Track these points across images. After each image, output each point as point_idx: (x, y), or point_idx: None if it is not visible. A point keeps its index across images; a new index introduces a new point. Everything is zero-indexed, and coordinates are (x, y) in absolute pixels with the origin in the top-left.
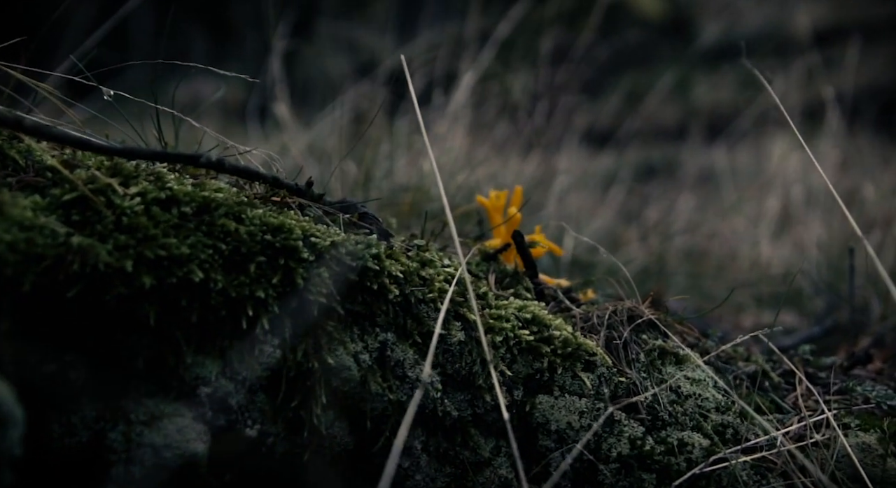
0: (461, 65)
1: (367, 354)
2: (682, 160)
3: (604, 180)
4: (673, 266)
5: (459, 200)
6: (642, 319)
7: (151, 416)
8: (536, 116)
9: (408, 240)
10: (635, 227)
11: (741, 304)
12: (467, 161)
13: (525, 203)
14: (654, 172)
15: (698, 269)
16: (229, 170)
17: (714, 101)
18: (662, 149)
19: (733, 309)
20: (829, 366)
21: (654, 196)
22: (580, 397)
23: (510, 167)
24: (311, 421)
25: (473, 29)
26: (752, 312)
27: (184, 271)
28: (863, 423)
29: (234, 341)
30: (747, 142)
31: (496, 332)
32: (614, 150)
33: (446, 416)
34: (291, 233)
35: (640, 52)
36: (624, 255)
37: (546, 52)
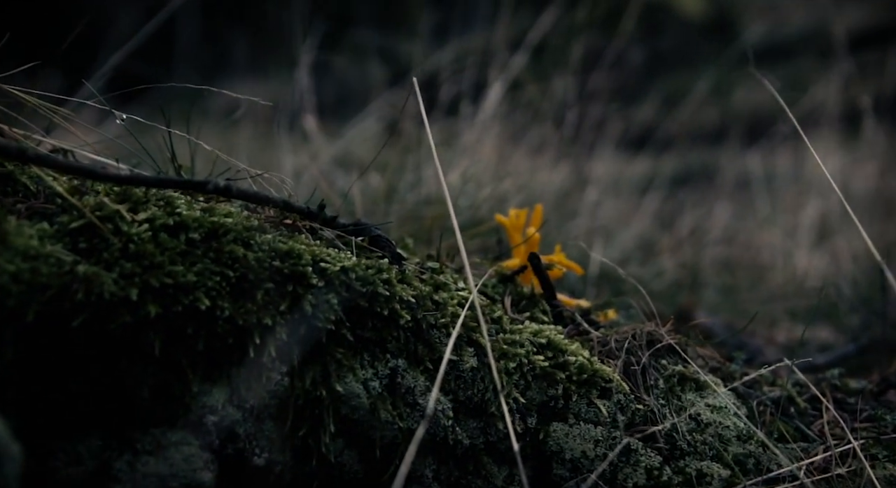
0: (491, 73)
1: (377, 381)
2: (721, 165)
3: (640, 186)
4: (707, 277)
5: (486, 211)
6: (662, 344)
7: (158, 445)
8: (570, 123)
9: (423, 262)
10: (670, 236)
11: (775, 318)
12: (496, 171)
13: (543, 223)
14: (691, 178)
15: (733, 281)
16: (237, 195)
17: (754, 103)
18: (700, 153)
19: (767, 322)
20: (859, 392)
21: (691, 202)
22: (596, 425)
23: (541, 176)
24: (319, 450)
25: (504, 35)
26: (785, 327)
27: (190, 299)
28: (891, 454)
29: (241, 369)
30: (787, 146)
31: (510, 358)
32: (651, 155)
33: (458, 444)
34: (301, 258)
35: (680, 53)
36: (656, 267)
37: (581, 56)
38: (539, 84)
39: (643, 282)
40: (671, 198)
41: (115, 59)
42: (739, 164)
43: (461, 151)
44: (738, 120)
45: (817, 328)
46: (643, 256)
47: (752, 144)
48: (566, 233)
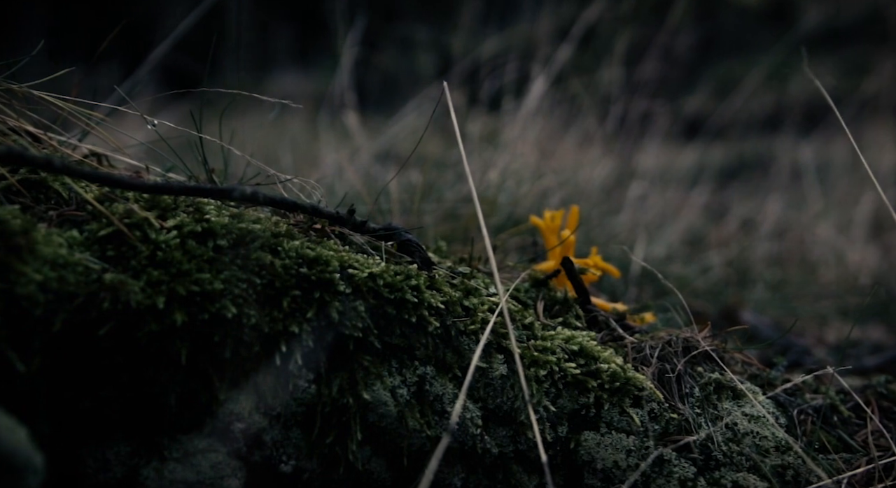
0: (535, 66)
1: (404, 388)
2: (776, 154)
3: (690, 178)
4: (757, 273)
5: (527, 209)
6: (698, 350)
7: (185, 452)
8: (616, 115)
9: (455, 265)
10: (718, 230)
11: (825, 316)
12: (538, 167)
13: (585, 220)
14: (744, 168)
15: (784, 277)
16: (263, 202)
17: (811, 91)
18: (754, 143)
19: (816, 321)
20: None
21: (743, 194)
22: (628, 434)
23: (585, 171)
24: (346, 458)
25: (548, 26)
26: (836, 326)
27: (216, 307)
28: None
29: (268, 376)
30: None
31: (540, 366)
32: (702, 145)
33: (486, 453)
34: (328, 265)
35: (735, 40)
36: (702, 263)
37: (630, 45)
38: (586, 75)
39: (687, 280)
40: (722, 189)
41: (156, 54)
42: (794, 155)
43: (502, 147)
44: (794, 108)
45: (869, 327)
46: (691, 252)
47: (809, 133)
48: (610, 229)
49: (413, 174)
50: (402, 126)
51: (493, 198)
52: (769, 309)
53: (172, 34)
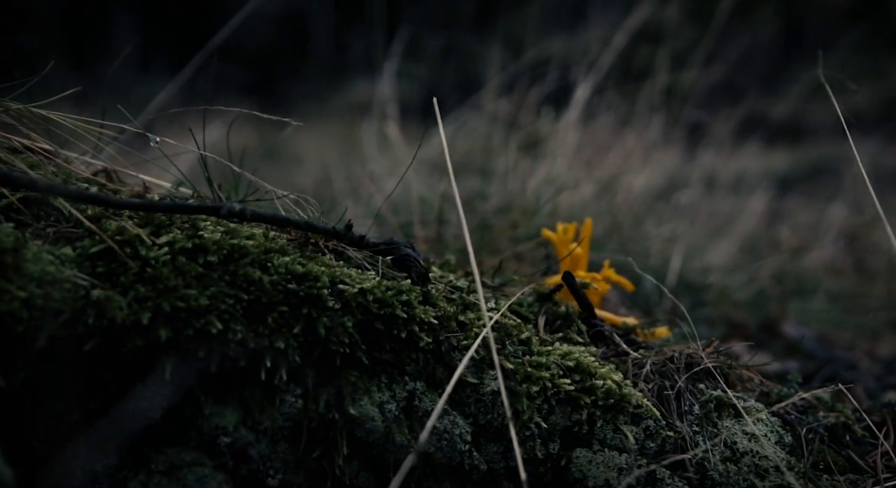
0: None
1: (393, 403)
2: (849, 158)
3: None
4: (814, 282)
5: (562, 217)
6: (700, 367)
7: (171, 465)
8: (684, 119)
9: (460, 278)
10: (782, 237)
11: (877, 330)
12: (578, 174)
13: (598, 237)
14: (817, 172)
15: (844, 287)
16: (251, 219)
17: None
18: (827, 145)
19: (868, 335)
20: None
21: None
22: (621, 452)
23: (628, 177)
24: (333, 472)
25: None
26: (890, 339)
27: (202, 322)
28: None
29: (254, 391)
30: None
31: (533, 382)
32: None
33: (474, 470)
34: (318, 280)
35: (822, 38)
36: (751, 271)
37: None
38: (648, 79)
39: (728, 290)
40: (790, 195)
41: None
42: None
43: (541, 156)
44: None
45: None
46: (747, 260)
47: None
48: (649, 239)
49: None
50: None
51: (529, 209)
52: (815, 321)
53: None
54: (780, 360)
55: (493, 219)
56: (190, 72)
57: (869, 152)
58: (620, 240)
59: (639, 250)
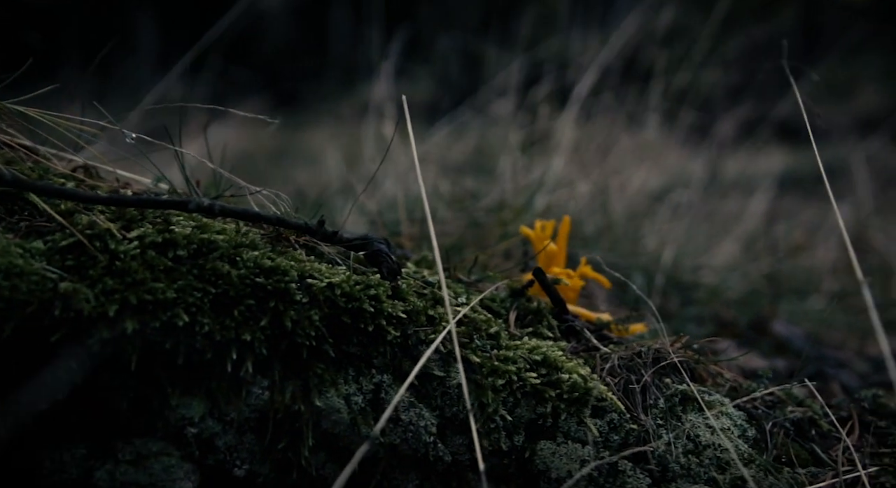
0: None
1: (360, 396)
2: (874, 158)
3: (780, 180)
4: (809, 282)
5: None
6: (666, 361)
7: (138, 455)
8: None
9: (434, 274)
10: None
11: (868, 329)
12: (577, 174)
13: (569, 234)
14: (832, 171)
15: (841, 287)
16: (220, 214)
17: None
18: (846, 146)
19: (858, 334)
20: (892, 414)
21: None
22: (584, 445)
23: (622, 176)
24: (299, 463)
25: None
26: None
27: (168, 315)
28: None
29: (221, 383)
30: None
31: (499, 375)
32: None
33: (438, 461)
34: (286, 274)
35: (840, 39)
36: (747, 270)
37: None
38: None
39: (717, 291)
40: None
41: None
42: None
43: (540, 154)
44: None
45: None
46: (746, 259)
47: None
48: (642, 237)
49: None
50: (445, 134)
51: (521, 207)
52: (808, 320)
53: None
54: (767, 358)
55: (486, 218)
56: (182, 67)
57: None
58: (613, 239)
59: (632, 249)
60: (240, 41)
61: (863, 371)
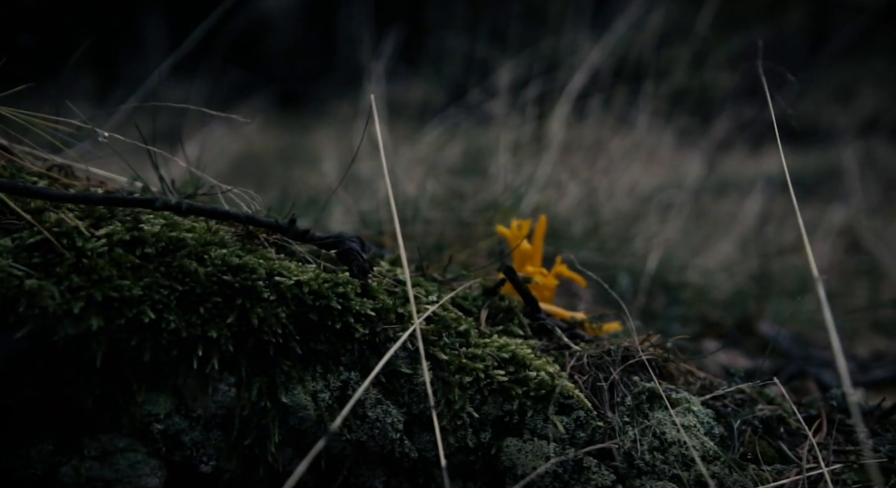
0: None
1: (327, 393)
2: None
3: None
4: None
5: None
6: (635, 359)
7: (104, 451)
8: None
9: (410, 271)
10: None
11: (856, 330)
12: (562, 174)
13: (547, 234)
14: (835, 173)
15: (839, 288)
16: (187, 212)
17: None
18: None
19: (848, 335)
20: (863, 413)
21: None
22: (549, 441)
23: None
24: (266, 459)
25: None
26: (866, 339)
27: (134, 312)
28: (863, 481)
29: (188, 379)
30: None
31: (467, 372)
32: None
33: (405, 458)
34: (254, 272)
35: (846, 40)
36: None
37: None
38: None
39: (703, 290)
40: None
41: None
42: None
43: (530, 155)
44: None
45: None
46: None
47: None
48: (631, 238)
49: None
50: (436, 135)
51: (508, 208)
52: (796, 320)
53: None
54: (752, 358)
55: (473, 218)
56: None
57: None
58: (602, 240)
59: (621, 249)
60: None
61: (848, 370)
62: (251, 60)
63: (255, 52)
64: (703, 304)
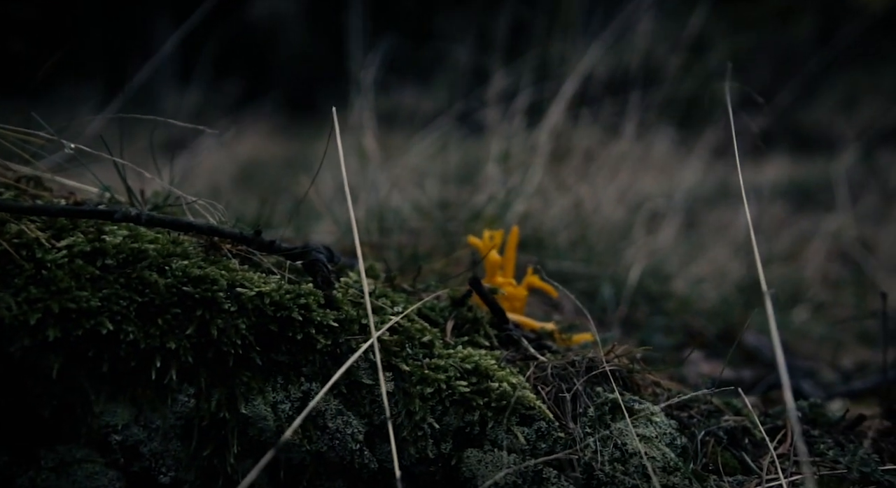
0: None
1: (288, 403)
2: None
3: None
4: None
5: (529, 230)
6: (598, 370)
7: (61, 462)
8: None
9: (379, 283)
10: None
11: (841, 341)
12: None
13: (518, 244)
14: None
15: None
16: (147, 223)
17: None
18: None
19: (832, 345)
20: (830, 423)
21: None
22: (510, 452)
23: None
24: (225, 470)
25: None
26: (851, 350)
27: (92, 323)
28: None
29: (146, 390)
30: None
31: (428, 383)
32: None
33: (364, 468)
34: (215, 283)
35: (857, 49)
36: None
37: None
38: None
39: (687, 300)
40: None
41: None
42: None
43: (516, 167)
44: None
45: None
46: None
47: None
48: (618, 248)
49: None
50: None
51: (493, 218)
52: (782, 330)
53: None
54: (735, 368)
55: (457, 228)
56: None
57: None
58: (588, 250)
59: (607, 260)
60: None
61: (830, 381)
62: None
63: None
64: (688, 314)
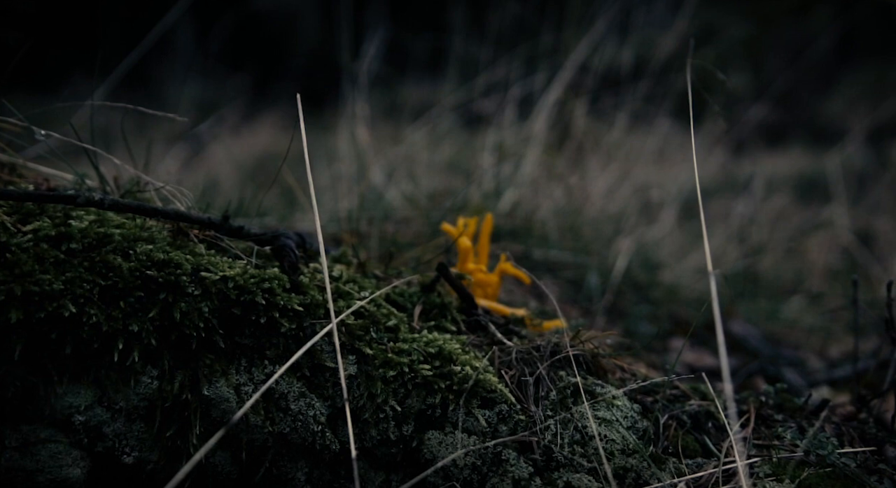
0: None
1: (251, 386)
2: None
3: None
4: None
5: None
6: (562, 355)
7: (25, 442)
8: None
9: (350, 269)
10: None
11: (831, 330)
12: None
13: (492, 232)
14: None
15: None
16: (110, 207)
17: None
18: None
19: (820, 335)
20: (794, 408)
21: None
22: (470, 434)
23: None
24: (188, 451)
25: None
26: (841, 340)
27: (54, 306)
28: (778, 473)
29: (110, 372)
30: None
31: (391, 366)
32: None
33: (325, 450)
34: (179, 267)
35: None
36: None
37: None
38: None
39: (673, 288)
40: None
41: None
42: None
43: (508, 157)
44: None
45: (863, 343)
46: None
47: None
48: (610, 238)
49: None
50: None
51: (482, 207)
52: (770, 320)
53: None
54: (715, 356)
55: (446, 216)
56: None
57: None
58: (580, 239)
59: (598, 248)
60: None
61: (815, 369)
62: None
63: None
64: (675, 303)
